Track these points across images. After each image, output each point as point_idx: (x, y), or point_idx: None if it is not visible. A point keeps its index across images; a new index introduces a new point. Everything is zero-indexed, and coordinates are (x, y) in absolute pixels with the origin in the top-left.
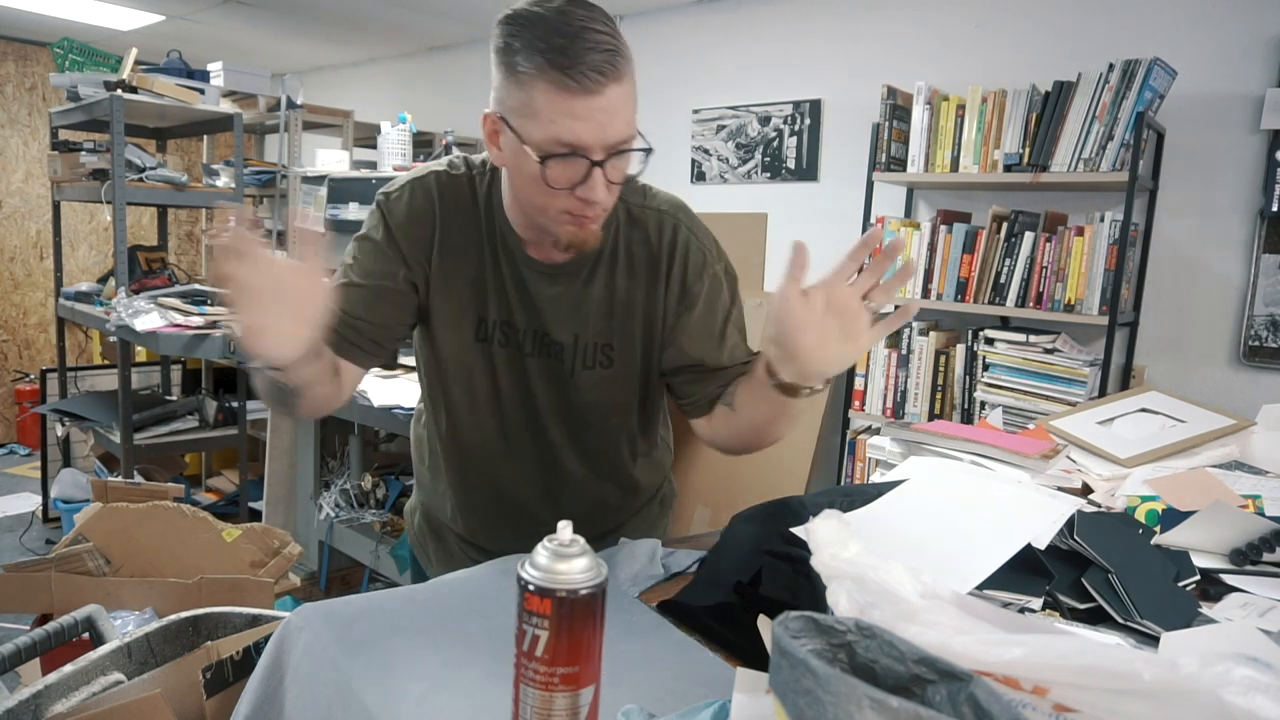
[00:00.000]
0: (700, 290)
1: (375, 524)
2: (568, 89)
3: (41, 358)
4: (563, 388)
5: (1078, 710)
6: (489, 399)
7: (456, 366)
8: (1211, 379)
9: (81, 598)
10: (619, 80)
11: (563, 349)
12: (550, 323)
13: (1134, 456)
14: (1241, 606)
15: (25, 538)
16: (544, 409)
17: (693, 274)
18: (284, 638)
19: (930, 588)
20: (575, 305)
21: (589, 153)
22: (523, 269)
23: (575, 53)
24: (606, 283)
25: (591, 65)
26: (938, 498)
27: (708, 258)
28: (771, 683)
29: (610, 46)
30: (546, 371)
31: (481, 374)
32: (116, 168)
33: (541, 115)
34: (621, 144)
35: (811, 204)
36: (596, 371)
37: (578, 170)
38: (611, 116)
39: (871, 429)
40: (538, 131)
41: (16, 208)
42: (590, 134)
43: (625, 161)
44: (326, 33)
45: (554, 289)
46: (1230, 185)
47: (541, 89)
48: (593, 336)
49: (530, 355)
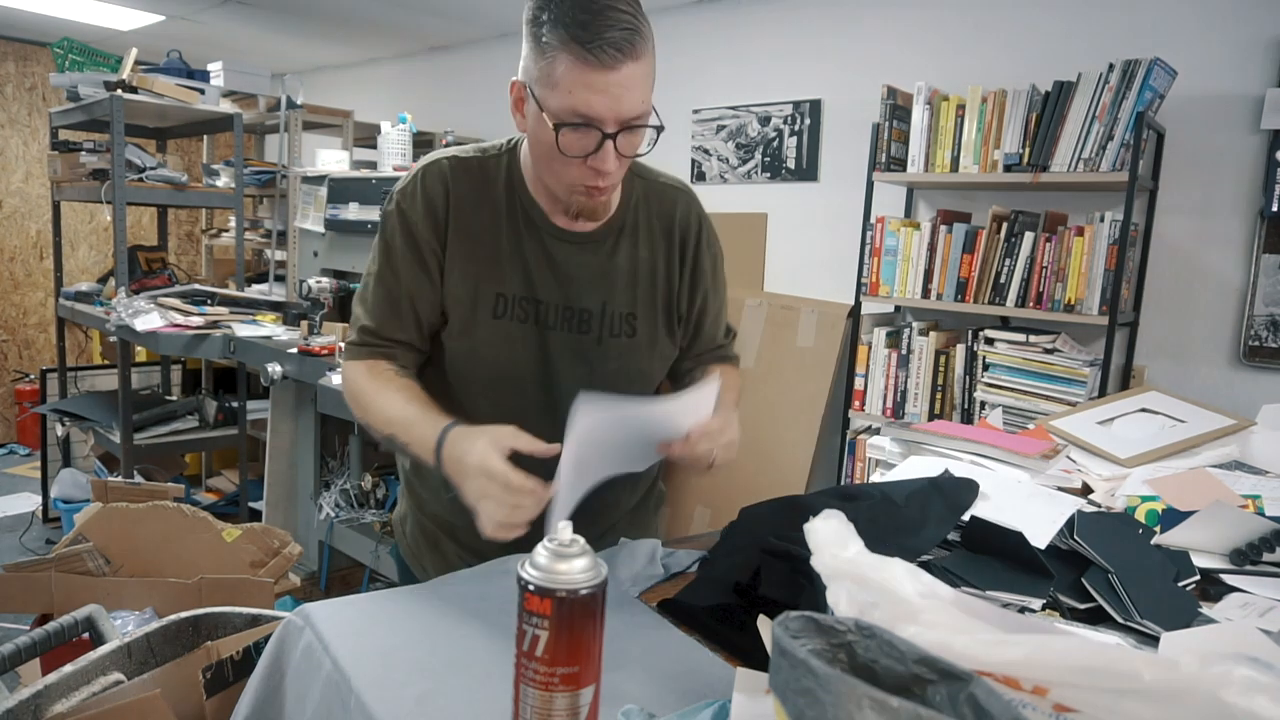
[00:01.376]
0: (709, 267)
1: (375, 524)
2: (586, 62)
3: (41, 358)
4: (588, 358)
5: (1078, 710)
6: (505, 379)
7: (469, 348)
8: (1211, 379)
9: (81, 598)
10: (636, 59)
11: (590, 317)
12: (579, 290)
13: (1134, 456)
14: (1241, 606)
15: (25, 538)
16: (563, 386)
17: (704, 250)
18: (284, 638)
19: (930, 588)
20: (603, 273)
21: (602, 124)
22: (548, 239)
23: (596, 29)
24: (629, 253)
25: (610, 42)
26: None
27: (716, 240)
28: (771, 683)
29: (630, 26)
30: (571, 345)
31: (497, 353)
32: (116, 168)
33: (561, 86)
34: (634, 119)
35: (811, 204)
36: (621, 340)
37: (590, 141)
38: (626, 91)
39: (871, 429)
40: (556, 101)
41: (16, 208)
42: (605, 107)
43: (637, 137)
44: (326, 33)
45: (582, 256)
46: (1230, 185)
47: (563, 61)
48: (619, 305)
49: (553, 329)
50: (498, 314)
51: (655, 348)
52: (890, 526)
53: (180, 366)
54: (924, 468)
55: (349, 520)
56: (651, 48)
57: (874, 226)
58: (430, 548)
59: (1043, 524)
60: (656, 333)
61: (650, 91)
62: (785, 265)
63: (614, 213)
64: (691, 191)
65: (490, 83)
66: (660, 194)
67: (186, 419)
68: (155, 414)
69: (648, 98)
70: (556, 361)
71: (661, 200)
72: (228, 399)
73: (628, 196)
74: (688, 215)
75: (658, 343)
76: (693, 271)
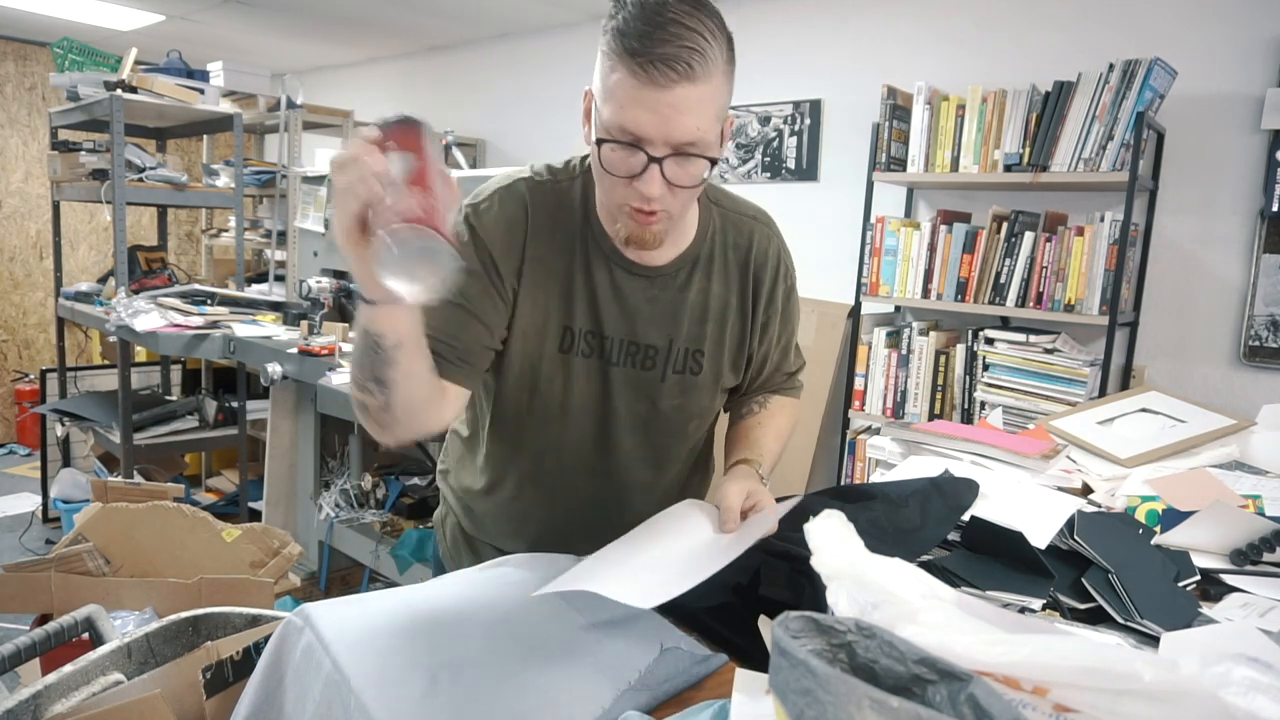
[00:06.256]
0: (782, 301)
1: (375, 524)
2: (637, 77)
3: (41, 358)
4: (648, 395)
5: (1078, 710)
6: (562, 413)
7: (530, 381)
8: (1211, 379)
9: (81, 598)
10: (694, 81)
11: (656, 353)
12: (644, 326)
13: (1134, 456)
14: (1241, 606)
15: (25, 538)
16: (620, 419)
17: (781, 286)
18: (284, 638)
19: (930, 588)
20: (672, 310)
21: (649, 146)
22: (618, 272)
23: (653, 43)
24: (701, 287)
25: (664, 58)
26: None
27: (791, 270)
28: (771, 683)
29: (692, 45)
30: (633, 381)
31: (556, 385)
32: (116, 168)
33: (614, 98)
34: (686, 145)
35: (811, 204)
36: (685, 377)
37: (637, 162)
38: (678, 114)
39: (871, 429)
40: (607, 114)
41: (16, 208)
42: (653, 127)
43: (690, 167)
44: (326, 33)
45: (651, 291)
46: (1230, 185)
47: (618, 73)
48: (685, 342)
49: (616, 365)
50: (564, 348)
51: (719, 383)
52: (890, 526)
53: (180, 366)
54: (924, 468)
55: (349, 520)
56: (720, 71)
57: (874, 226)
58: (468, 550)
59: (1043, 524)
60: (722, 369)
61: (712, 120)
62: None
63: (689, 245)
64: (771, 222)
65: (490, 83)
66: (737, 225)
67: (186, 419)
68: (155, 414)
69: (706, 125)
70: (617, 399)
71: (739, 232)
72: (228, 399)
73: (705, 227)
74: (766, 249)
75: (721, 378)
76: (767, 305)
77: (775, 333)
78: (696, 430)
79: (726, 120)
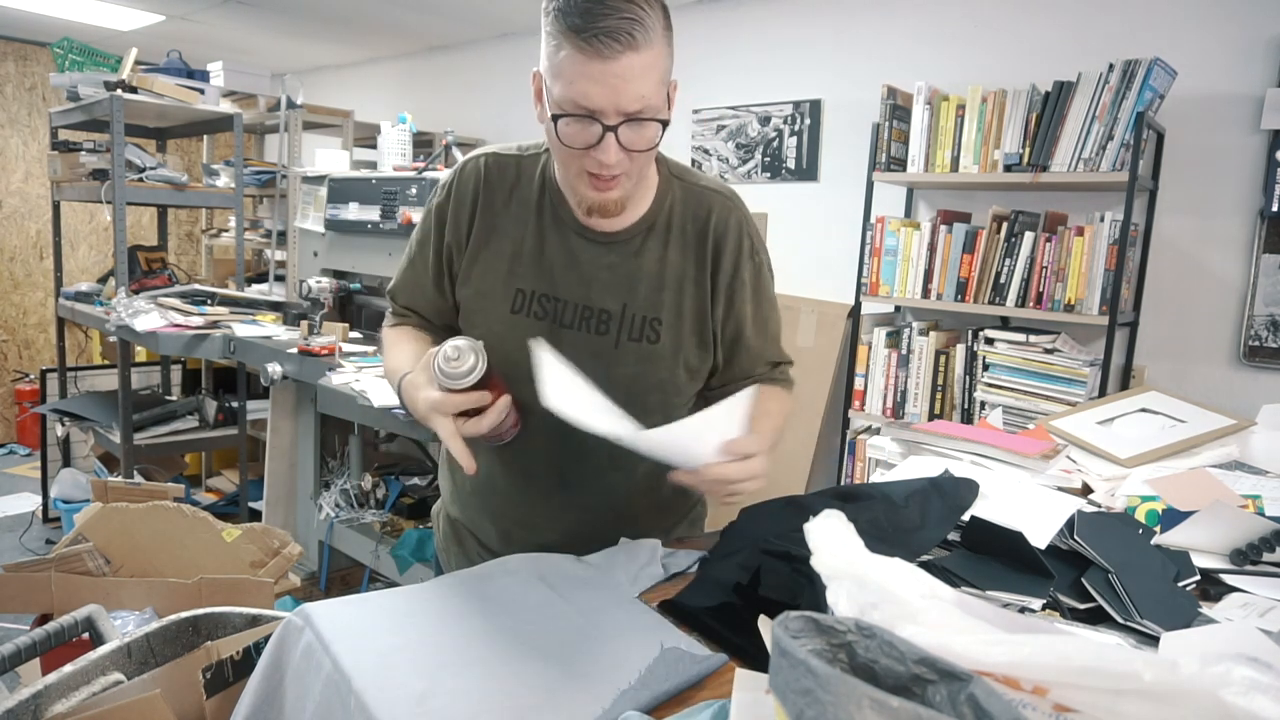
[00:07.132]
0: (749, 278)
1: (375, 524)
2: (584, 52)
3: (41, 358)
4: (604, 361)
5: (1078, 710)
6: (512, 371)
7: (486, 342)
8: (1211, 379)
9: (81, 598)
10: (636, 50)
11: (609, 318)
12: (600, 292)
13: (1134, 456)
14: (1241, 606)
15: (25, 538)
16: None
17: (748, 263)
18: (284, 638)
19: (930, 588)
20: (626, 274)
21: (602, 116)
22: (573, 238)
23: (593, 18)
24: (659, 255)
25: (606, 31)
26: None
27: (760, 249)
28: (771, 683)
29: (631, 15)
30: (587, 346)
31: (509, 346)
32: (116, 168)
33: (563, 75)
34: (636, 112)
35: (811, 204)
36: (642, 345)
37: (592, 133)
38: (625, 83)
39: (871, 429)
40: (559, 90)
41: (16, 208)
42: (603, 98)
43: (644, 131)
44: (326, 33)
45: (607, 258)
46: (1230, 185)
47: (565, 50)
48: (641, 309)
49: (569, 328)
50: (515, 309)
51: (679, 357)
52: (890, 526)
53: (180, 366)
54: (924, 468)
55: (349, 520)
56: (660, 38)
57: (874, 226)
58: (456, 544)
59: (1043, 524)
60: (682, 341)
61: (657, 84)
62: (785, 265)
63: (645, 212)
64: (734, 197)
65: (490, 83)
66: (697, 197)
67: (186, 419)
68: (155, 414)
69: (652, 90)
70: (570, 362)
71: (699, 204)
72: (228, 399)
73: (662, 198)
74: (725, 220)
75: (682, 352)
76: (730, 281)
77: (747, 311)
78: (659, 405)
79: (671, 84)
